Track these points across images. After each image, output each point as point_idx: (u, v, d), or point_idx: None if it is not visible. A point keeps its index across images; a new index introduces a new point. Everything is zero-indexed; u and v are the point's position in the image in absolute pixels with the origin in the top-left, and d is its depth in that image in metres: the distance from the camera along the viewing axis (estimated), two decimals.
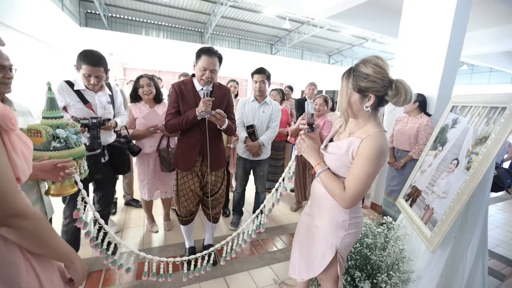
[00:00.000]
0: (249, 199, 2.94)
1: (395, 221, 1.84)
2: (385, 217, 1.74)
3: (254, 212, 2.71)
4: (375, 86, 0.95)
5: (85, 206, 1.18)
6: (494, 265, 2.31)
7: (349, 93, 1.01)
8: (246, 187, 2.69)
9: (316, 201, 1.21)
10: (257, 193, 2.67)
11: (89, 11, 12.71)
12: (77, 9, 11.57)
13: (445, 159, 1.59)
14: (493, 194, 4.19)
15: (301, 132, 1.18)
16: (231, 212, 2.77)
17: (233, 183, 3.18)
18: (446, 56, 2.59)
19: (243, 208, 2.79)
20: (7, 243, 0.60)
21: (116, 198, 2.95)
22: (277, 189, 1.43)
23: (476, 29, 5.26)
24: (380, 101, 1.00)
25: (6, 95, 1.15)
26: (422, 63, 2.79)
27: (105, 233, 1.29)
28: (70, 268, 0.72)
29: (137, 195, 3.03)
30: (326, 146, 1.15)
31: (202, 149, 1.76)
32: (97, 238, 1.26)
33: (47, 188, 1.09)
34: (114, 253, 1.39)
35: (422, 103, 2.55)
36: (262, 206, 1.51)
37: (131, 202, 2.96)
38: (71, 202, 1.68)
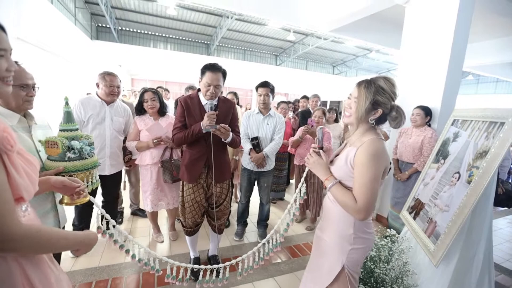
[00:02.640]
0: (253, 210, 2.96)
1: (399, 234, 1.84)
2: (388, 230, 1.75)
3: (258, 223, 2.74)
4: (387, 103, 1.04)
5: (102, 218, 1.22)
6: (503, 280, 2.27)
7: (367, 103, 1.05)
8: (250, 198, 2.71)
9: (325, 214, 1.24)
10: (261, 204, 2.70)
11: (100, 24, 13.19)
12: (89, 23, 12.02)
13: (447, 172, 1.61)
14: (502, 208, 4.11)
15: (312, 149, 1.22)
16: (235, 223, 2.79)
17: (238, 194, 3.21)
18: (448, 67, 2.63)
19: (247, 219, 2.80)
20: (5, 259, 0.63)
21: (123, 207, 3.00)
22: (289, 211, 1.46)
23: (480, 40, 5.30)
24: (382, 119, 1.08)
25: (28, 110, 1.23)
26: (424, 75, 2.83)
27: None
28: (81, 251, 0.78)
29: (143, 205, 3.08)
30: (332, 161, 1.19)
31: (207, 161, 1.81)
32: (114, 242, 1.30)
33: (61, 197, 1.15)
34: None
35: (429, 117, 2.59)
36: (275, 226, 1.52)
37: (137, 212, 3.01)
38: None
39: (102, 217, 1.20)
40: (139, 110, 2.33)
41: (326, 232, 1.20)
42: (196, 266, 1.63)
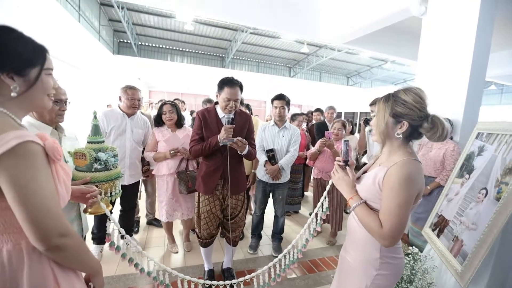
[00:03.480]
0: (267, 223, 2.93)
1: (421, 252, 1.75)
2: (410, 248, 1.67)
3: (273, 236, 2.70)
4: (411, 114, 0.95)
5: (122, 237, 1.26)
6: None
7: (386, 117, 1.01)
8: (265, 211, 2.69)
9: (350, 235, 1.17)
10: (276, 217, 2.66)
11: (121, 40, 13.93)
12: (112, 39, 12.71)
13: (472, 188, 1.53)
14: None
15: (336, 162, 1.17)
16: (249, 236, 2.76)
17: (252, 206, 3.19)
18: (469, 78, 2.55)
19: (262, 232, 2.77)
20: (41, 266, 0.68)
21: (139, 217, 3.05)
22: (309, 225, 1.43)
23: (502, 49, 5.13)
24: (413, 132, 0.99)
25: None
26: (444, 86, 2.75)
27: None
28: (95, 277, 0.80)
29: (158, 214, 3.12)
30: (359, 178, 1.13)
31: (223, 173, 1.83)
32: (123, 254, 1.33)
33: (85, 206, 1.19)
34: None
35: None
36: (294, 241, 1.50)
37: (153, 222, 3.05)
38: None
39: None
40: (158, 121, 2.40)
41: (350, 254, 1.13)
42: (208, 282, 1.62)
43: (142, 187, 3.09)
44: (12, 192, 0.60)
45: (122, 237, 1.31)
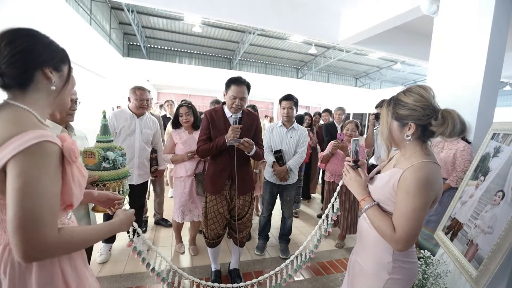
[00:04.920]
0: (274, 224, 2.90)
1: (433, 255, 1.70)
2: (422, 251, 1.62)
3: (280, 238, 2.67)
4: (415, 114, 0.92)
5: (133, 231, 1.26)
6: None
7: (389, 121, 0.99)
8: (272, 212, 2.67)
9: (360, 237, 1.14)
10: (283, 218, 2.64)
11: (131, 43, 14.17)
12: (121, 42, 12.95)
13: (488, 190, 1.48)
14: None
15: (346, 163, 1.15)
16: (256, 237, 2.74)
17: (259, 207, 3.17)
18: (483, 78, 2.48)
19: (269, 233, 2.75)
20: (51, 264, 0.68)
21: (147, 216, 3.07)
22: (320, 227, 1.42)
23: None
24: (424, 131, 0.94)
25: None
26: (457, 87, 2.68)
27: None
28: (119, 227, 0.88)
29: (166, 214, 3.14)
30: (372, 179, 1.10)
31: (231, 173, 1.83)
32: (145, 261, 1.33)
33: (93, 205, 1.21)
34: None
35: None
36: (305, 243, 1.48)
37: (161, 222, 3.06)
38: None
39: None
40: (175, 123, 2.41)
41: (361, 257, 1.10)
42: (216, 285, 1.62)
43: (150, 187, 3.12)
44: (11, 190, 0.58)
45: (135, 234, 1.32)
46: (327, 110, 4.47)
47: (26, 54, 0.65)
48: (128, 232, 1.24)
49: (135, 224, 1.24)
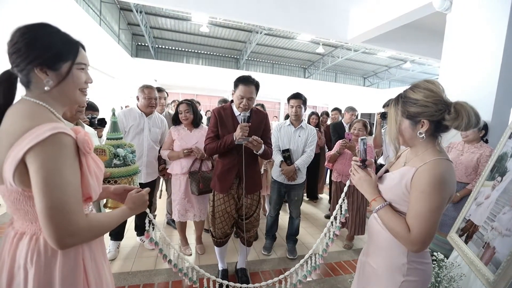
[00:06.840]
0: (282, 224, 2.88)
1: (447, 258, 1.65)
2: (435, 253, 1.58)
3: (287, 238, 2.65)
4: (427, 111, 0.88)
5: (149, 223, 1.26)
6: None
7: (399, 120, 0.95)
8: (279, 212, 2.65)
9: (372, 238, 1.10)
10: (291, 218, 2.61)
11: (139, 43, 14.35)
12: (130, 43, 13.12)
13: (506, 192, 1.42)
14: None
15: (353, 162, 1.12)
16: (263, 236, 2.72)
17: (267, 207, 3.15)
18: (499, 76, 2.40)
19: (276, 233, 2.73)
20: (74, 256, 0.69)
21: (155, 215, 3.08)
22: (329, 229, 1.39)
23: None
24: (438, 127, 0.91)
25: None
26: (471, 86, 2.61)
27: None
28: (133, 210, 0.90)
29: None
30: (381, 178, 1.06)
31: (239, 172, 1.81)
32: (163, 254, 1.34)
33: (105, 201, 1.21)
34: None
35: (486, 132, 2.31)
36: (314, 246, 1.46)
37: (171, 222, 3.02)
38: None
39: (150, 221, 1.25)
40: (175, 120, 2.41)
41: (373, 259, 1.06)
42: (225, 282, 1.62)
43: (163, 186, 3.12)
44: (36, 182, 0.61)
45: (151, 225, 1.32)
46: (336, 109, 4.41)
47: (17, 55, 0.66)
48: (136, 230, 1.24)
49: (150, 216, 1.24)
